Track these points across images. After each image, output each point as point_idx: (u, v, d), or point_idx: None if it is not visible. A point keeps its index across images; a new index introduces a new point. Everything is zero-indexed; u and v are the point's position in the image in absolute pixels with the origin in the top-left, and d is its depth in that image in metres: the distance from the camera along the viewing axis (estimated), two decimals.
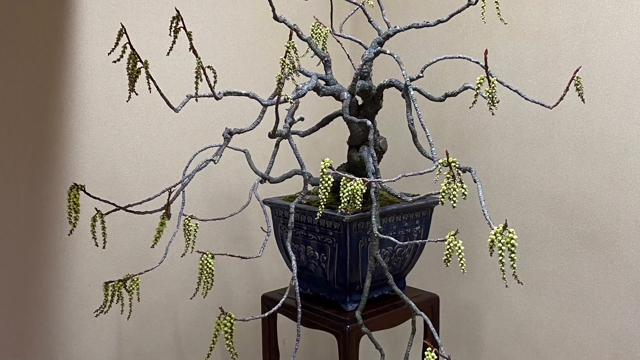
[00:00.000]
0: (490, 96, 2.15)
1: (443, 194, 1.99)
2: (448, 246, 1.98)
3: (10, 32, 2.74)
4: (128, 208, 2.09)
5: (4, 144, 2.75)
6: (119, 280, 2.22)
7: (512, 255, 1.80)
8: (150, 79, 1.99)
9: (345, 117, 2.55)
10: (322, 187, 2.07)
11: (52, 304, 2.95)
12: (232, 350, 2.00)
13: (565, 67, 3.02)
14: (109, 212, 2.13)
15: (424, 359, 2.01)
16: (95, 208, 2.10)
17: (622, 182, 2.92)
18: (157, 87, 2.00)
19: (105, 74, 2.96)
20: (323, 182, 2.06)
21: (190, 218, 2.31)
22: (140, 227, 3.06)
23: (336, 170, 2.13)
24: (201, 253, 2.21)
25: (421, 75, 2.53)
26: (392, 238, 2.28)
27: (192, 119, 3.20)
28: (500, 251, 1.82)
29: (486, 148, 3.36)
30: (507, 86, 2.35)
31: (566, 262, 3.12)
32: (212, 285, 2.23)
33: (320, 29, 2.70)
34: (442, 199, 2.00)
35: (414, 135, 2.53)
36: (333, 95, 2.61)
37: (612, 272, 2.99)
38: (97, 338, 3.07)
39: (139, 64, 1.99)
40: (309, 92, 2.50)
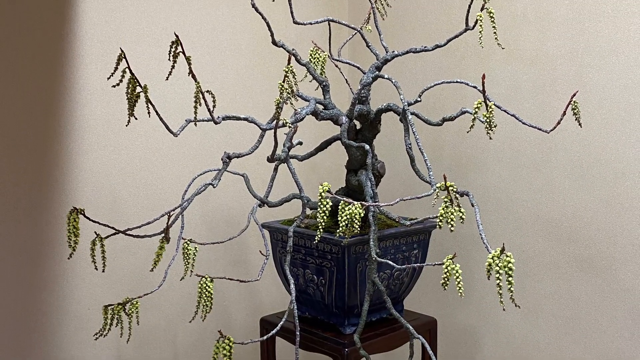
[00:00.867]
0: (487, 120, 2.16)
1: (441, 218, 2.00)
2: (446, 270, 1.99)
3: (9, 56, 2.75)
4: (127, 232, 2.10)
5: (4, 168, 2.76)
6: (119, 303, 2.23)
7: (510, 278, 1.81)
8: (149, 104, 2.00)
9: (343, 142, 2.56)
10: (321, 211, 2.08)
11: (52, 327, 2.95)
12: None
13: (562, 92, 3.04)
14: (109, 236, 2.13)
15: None
16: (94, 232, 2.11)
17: (619, 206, 2.93)
18: (157, 112, 2.01)
19: (104, 99, 2.97)
20: (321, 206, 2.07)
21: (189, 242, 2.31)
22: (139, 251, 3.06)
23: (334, 194, 2.13)
24: (200, 276, 2.22)
25: (419, 99, 2.55)
26: (390, 262, 2.29)
27: (191, 143, 3.21)
28: (497, 275, 1.83)
29: (484, 172, 3.37)
30: (505, 110, 2.36)
31: (563, 286, 3.13)
32: (211, 308, 2.24)
33: (318, 54, 2.71)
34: (440, 223, 2.01)
35: (412, 159, 2.54)
36: (331, 119, 2.62)
37: (609, 296, 2.99)
38: None
39: (138, 89, 2.00)
40: (308, 116, 2.51)
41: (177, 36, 2.00)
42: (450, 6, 3.45)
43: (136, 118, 2.03)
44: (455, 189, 2.01)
